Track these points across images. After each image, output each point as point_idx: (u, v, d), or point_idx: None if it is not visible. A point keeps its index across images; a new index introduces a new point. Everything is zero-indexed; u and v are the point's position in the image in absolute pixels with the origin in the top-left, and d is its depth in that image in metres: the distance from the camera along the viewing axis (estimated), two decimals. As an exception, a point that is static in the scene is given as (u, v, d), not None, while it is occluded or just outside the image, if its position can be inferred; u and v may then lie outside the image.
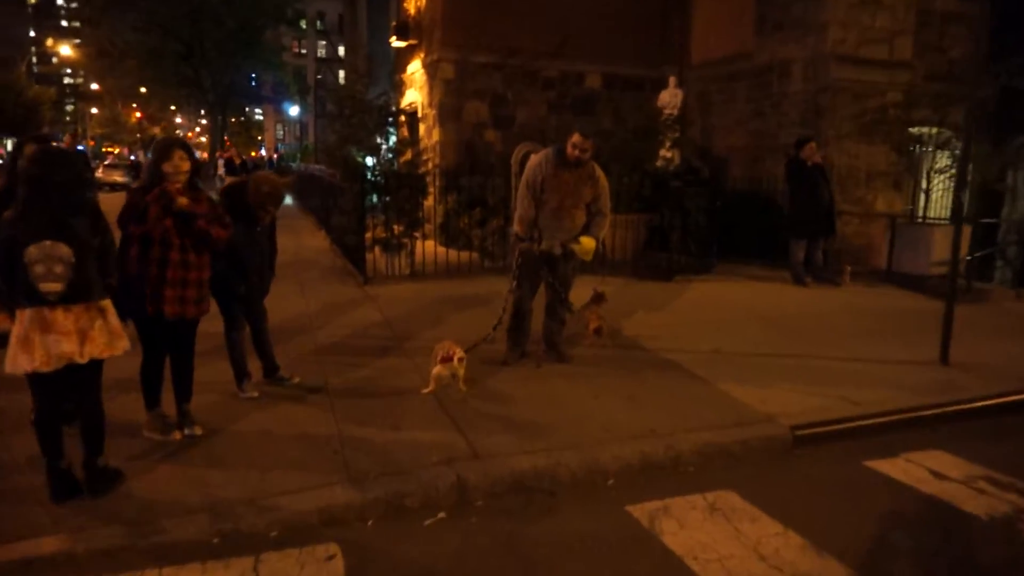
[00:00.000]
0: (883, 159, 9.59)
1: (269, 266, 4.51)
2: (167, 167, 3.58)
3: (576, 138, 4.85)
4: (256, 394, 4.36)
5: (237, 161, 21.92)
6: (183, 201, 3.54)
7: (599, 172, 5.03)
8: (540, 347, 5.31)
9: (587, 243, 4.95)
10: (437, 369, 4.44)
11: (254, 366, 4.54)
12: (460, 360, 4.44)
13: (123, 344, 3.16)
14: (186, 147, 3.69)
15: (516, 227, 5.08)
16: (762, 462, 3.89)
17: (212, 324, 4.32)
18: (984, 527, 3.29)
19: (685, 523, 3.22)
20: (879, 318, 6.82)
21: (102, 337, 3.06)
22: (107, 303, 3.12)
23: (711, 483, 3.61)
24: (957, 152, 9.66)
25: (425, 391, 4.47)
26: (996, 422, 4.59)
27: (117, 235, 3.45)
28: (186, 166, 3.62)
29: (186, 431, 3.78)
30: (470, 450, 3.68)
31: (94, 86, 50.96)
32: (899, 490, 3.63)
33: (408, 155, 9.13)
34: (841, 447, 4.11)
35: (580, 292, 5.50)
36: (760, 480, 3.67)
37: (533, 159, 5.04)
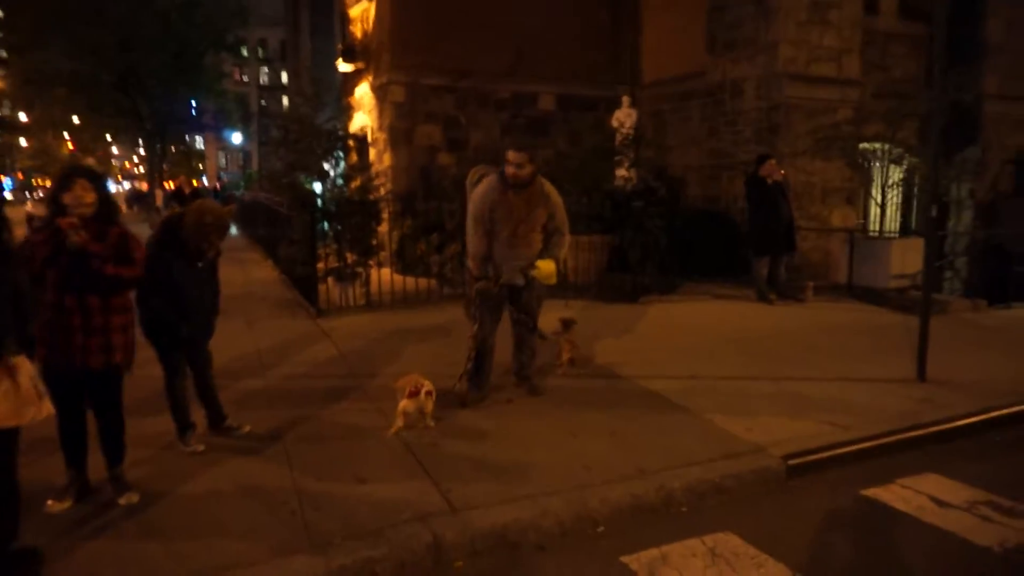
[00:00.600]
0: (837, 175, 9.69)
1: (213, 305, 4.08)
2: (67, 198, 3.16)
3: (510, 154, 4.52)
4: (201, 448, 3.93)
5: (187, 190, 20.84)
6: (75, 238, 3.09)
7: (549, 188, 4.71)
8: (510, 380, 5.01)
9: (547, 266, 4.61)
10: (403, 404, 4.18)
11: (198, 416, 4.11)
12: (428, 394, 4.21)
13: (35, 411, 2.71)
14: (91, 176, 3.26)
15: (470, 263, 4.74)
16: (757, 497, 3.66)
17: (150, 368, 3.90)
18: (998, 560, 3.10)
19: (687, 574, 2.94)
20: (848, 334, 6.75)
21: (4, 403, 2.61)
22: (19, 361, 2.68)
23: (707, 524, 3.35)
24: (908, 167, 9.86)
25: (391, 432, 4.17)
26: (983, 439, 4.48)
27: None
28: (90, 198, 3.19)
29: (120, 500, 3.33)
30: (445, 502, 3.34)
31: (22, 116, 48.94)
32: (903, 522, 3.43)
33: (359, 180, 8.83)
34: (834, 475, 3.92)
35: (545, 318, 5.23)
36: (758, 518, 3.43)
37: (477, 189, 4.68)
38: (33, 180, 54.21)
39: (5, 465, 2.77)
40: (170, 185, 23.08)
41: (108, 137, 47.09)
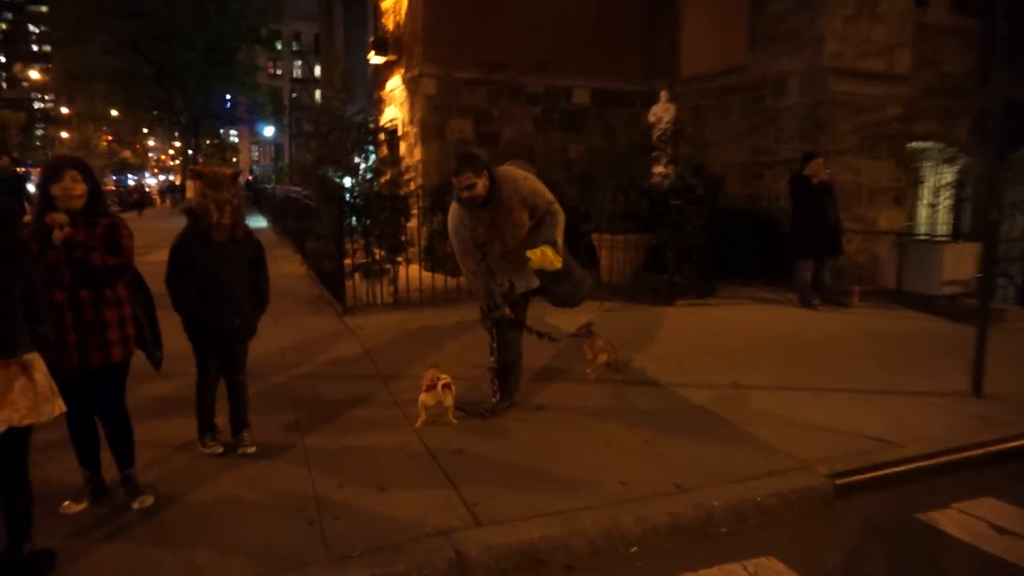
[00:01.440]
0: (885, 174, 9.34)
1: (252, 297, 3.85)
2: (56, 190, 3.04)
3: (454, 180, 4.11)
4: (220, 450, 3.85)
5: None
6: (59, 232, 2.98)
7: (515, 181, 4.17)
8: (540, 385, 4.85)
9: (536, 255, 4.06)
10: (422, 398, 4.26)
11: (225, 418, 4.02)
12: (446, 387, 4.22)
13: (50, 409, 2.65)
14: (80, 166, 3.14)
15: (476, 292, 4.51)
16: (802, 519, 3.45)
17: (184, 365, 3.84)
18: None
19: (727, 603, 2.77)
20: (897, 343, 6.47)
21: (24, 400, 2.55)
22: (32, 357, 2.61)
23: (749, 548, 3.16)
24: (962, 167, 9.46)
25: (416, 423, 4.26)
26: (1046, 462, 4.20)
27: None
28: (80, 189, 3.07)
29: (134, 504, 3.25)
30: (469, 515, 3.20)
31: (64, 110, 50.14)
32: (962, 551, 3.20)
33: (389, 175, 8.76)
34: (885, 497, 3.70)
35: (572, 319, 5.07)
36: (804, 542, 3.23)
37: (449, 223, 4.35)
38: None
39: (19, 464, 2.71)
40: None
41: (145, 130, 48.13)
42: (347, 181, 8.91)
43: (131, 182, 52.48)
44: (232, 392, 3.95)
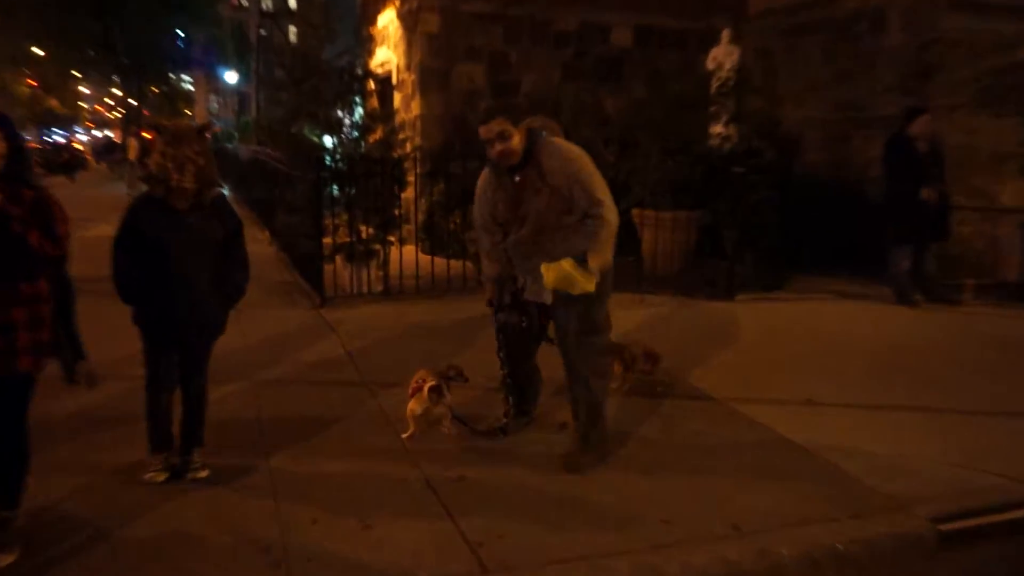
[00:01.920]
0: (1012, 136, 9.21)
1: (225, 286, 3.83)
2: None
3: (480, 129, 3.96)
4: (162, 477, 3.86)
5: None
6: None
7: (570, 155, 3.96)
8: (562, 399, 4.84)
9: (553, 271, 3.82)
10: (411, 405, 4.40)
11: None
12: (433, 391, 4.31)
13: None
14: (1, 120, 3.13)
15: (486, 287, 4.53)
16: (895, 572, 3.44)
17: (110, 367, 3.87)
18: None
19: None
20: (1022, 353, 6.42)
21: None
22: None
23: (826, 607, 3.15)
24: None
25: (405, 435, 4.41)
26: None
27: None
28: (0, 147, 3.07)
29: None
30: (473, 558, 3.22)
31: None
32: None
33: (379, 133, 8.79)
34: (1006, 549, 3.68)
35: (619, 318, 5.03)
36: (897, 602, 3.22)
37: (478, 183, 4.30)
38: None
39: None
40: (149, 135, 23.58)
41: (77, 74, 48.52)
42: (327, 140, 8.95)
43: (58, 139, 53.06)
44: (188, 402, 3.97)
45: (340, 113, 8.93)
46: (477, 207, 4.33)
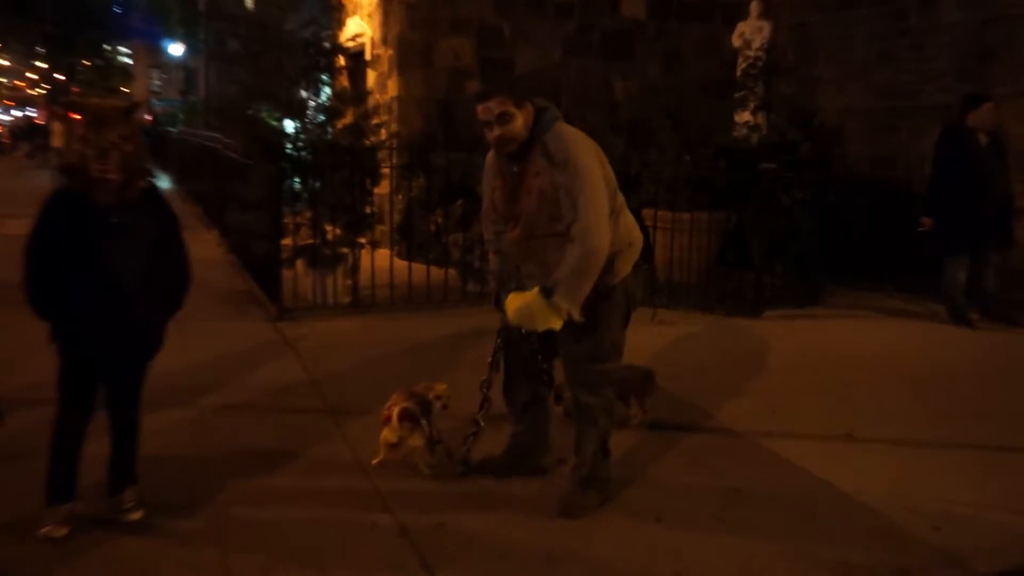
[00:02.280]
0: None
1: (160, 295, 3.83)
2: None
3: (478, 107, 3.93)
4: (62, 532, 3.74)
5: None
6: None
7: (580, 148, 3.91)
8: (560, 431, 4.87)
9: (515, 303, 3.93)
10: (384, 433, 4.44)
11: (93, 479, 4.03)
12: (404, 419, 4.34)
13: None
14: None
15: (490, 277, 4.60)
16: (947, 637, 3.46)
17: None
18: None
19: None
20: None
21: None
22: None
23: None
24: None
25: (374, 461, 4.51)
26: None
27: None
28: None
29: None
30: (455, 620, 3.22)
31: None
32: None
33: (349, 117, 8.81)
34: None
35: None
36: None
37: (485, 163, 4.32)
38: None
39: None
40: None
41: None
42: (288, 125, 8.96)
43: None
44: (117, 434, 3.95)
45: (304, 93, 8.95)
46: (483, 190, 4.38)
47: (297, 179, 8.39)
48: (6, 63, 61.01)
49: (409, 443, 4.39)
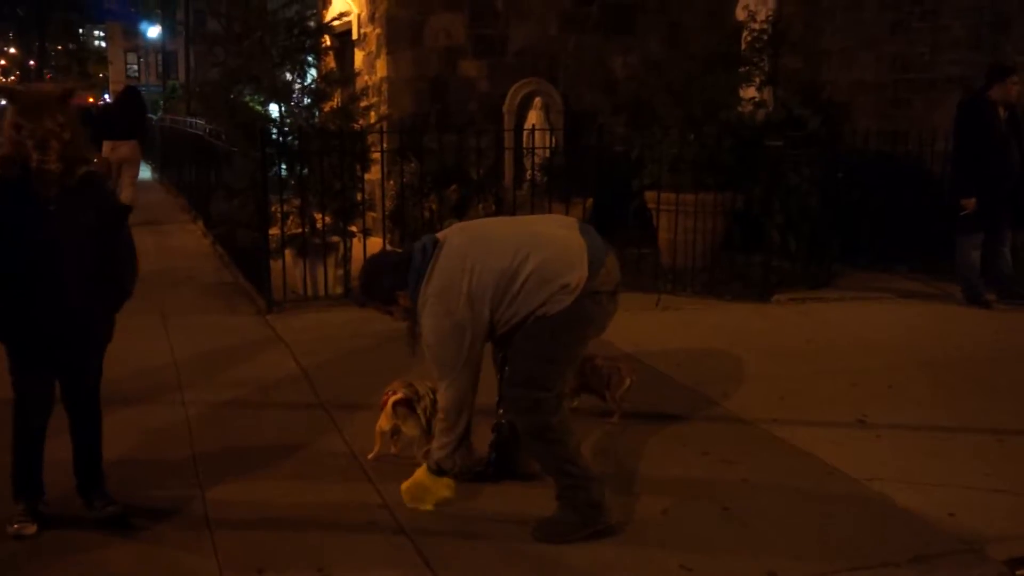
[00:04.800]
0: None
1: (106, 282, 3.84)
2: None
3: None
4: (30, 530, 3.79)
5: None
6: None
7: (422, 300, 3.92)
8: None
9: (409, 490, 4.09)
10: (379, 422, 4.50)
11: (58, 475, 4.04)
12: (400, 405, 4.39)
13: None
14: None
15: None
16: (963, 626, 3.51)
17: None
18: None
19: None
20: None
21: None
22: None
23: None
24: None
25: (369, 456, 4.57)
26: None
27: None
28: None
29: None
30: (457, 616, 3.27)
31: None
32: None
33: (337, 100, 8.81)
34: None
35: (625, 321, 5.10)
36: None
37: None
38: None
39: None
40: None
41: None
42: (274, 109, 8.96)
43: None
44: (77, 433, 3.96)
45: (289, 76, 8.94)
46: None
47: (284, 166, 8.38)
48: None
49: (404, 432, 4.41)
